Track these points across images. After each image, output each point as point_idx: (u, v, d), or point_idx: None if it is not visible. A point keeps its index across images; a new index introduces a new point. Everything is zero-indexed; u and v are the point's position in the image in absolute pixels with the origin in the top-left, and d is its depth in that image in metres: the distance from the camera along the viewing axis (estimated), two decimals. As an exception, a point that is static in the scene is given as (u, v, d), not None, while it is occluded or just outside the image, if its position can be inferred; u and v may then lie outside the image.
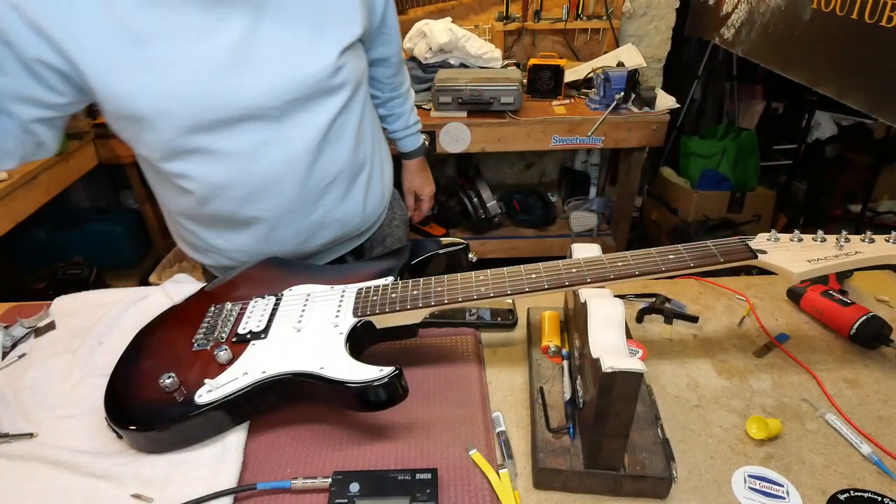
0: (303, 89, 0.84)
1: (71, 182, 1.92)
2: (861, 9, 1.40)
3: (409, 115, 1.24)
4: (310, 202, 0.92)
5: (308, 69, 0.84)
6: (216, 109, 0.80)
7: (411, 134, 1.25)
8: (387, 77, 1.15)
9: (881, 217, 2.74)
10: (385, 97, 1.19)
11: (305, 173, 0.89)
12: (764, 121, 2.95)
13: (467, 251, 0.83)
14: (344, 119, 0.92)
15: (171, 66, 0.77)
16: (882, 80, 1.36)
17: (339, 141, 0.92)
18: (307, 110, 0.86)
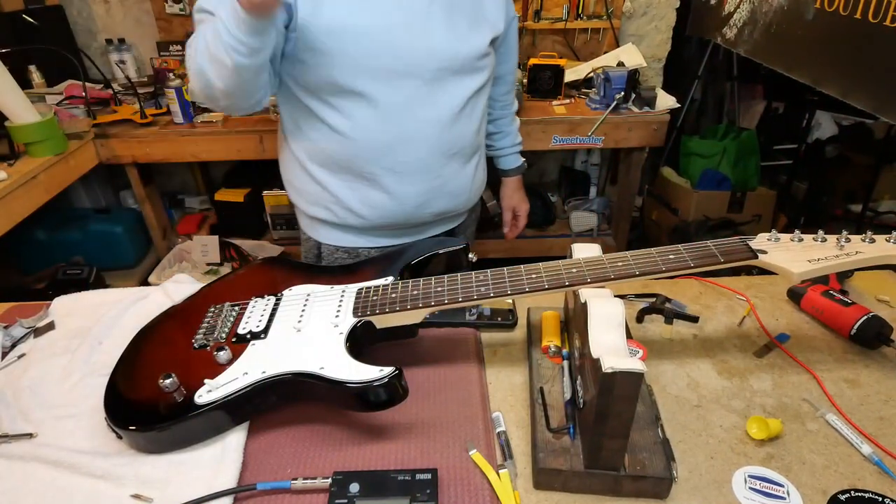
0: (456, 62, 0.98)
1: (71, 182, 1.91)
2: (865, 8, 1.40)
3: (515, 135, 1.34)
4: (436, 166, 1.03)
5: (463, 46, 0.98)
6: (390, 59, 0.93)
7: (514, 153, 1.34)
8: (500, 94, 1.26)
9: (882, 217, 2.74)
10: (496, 115, 1.29)
11: (439, 137, 1.01)
12: (764, 121, 2.95)
13: (467, 251, 0.83)
14: (476, 100, 1.05)
15: (371, 12, 0.90)
16: (886, 79, 1.35)
17: (470, 118, 1.05)
18: (453, 81, 0.99)
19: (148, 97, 2.24)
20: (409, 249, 0.83)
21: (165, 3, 2.45)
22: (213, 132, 2.06)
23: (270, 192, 2.43)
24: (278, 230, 2.50)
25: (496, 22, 1.05)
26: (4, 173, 1.61)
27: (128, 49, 2.50)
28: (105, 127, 2.04)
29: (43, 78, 2.27)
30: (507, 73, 1.24)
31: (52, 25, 2.38)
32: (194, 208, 2.78)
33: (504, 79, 1.24)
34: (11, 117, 1.68)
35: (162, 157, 2.10)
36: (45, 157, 1.76)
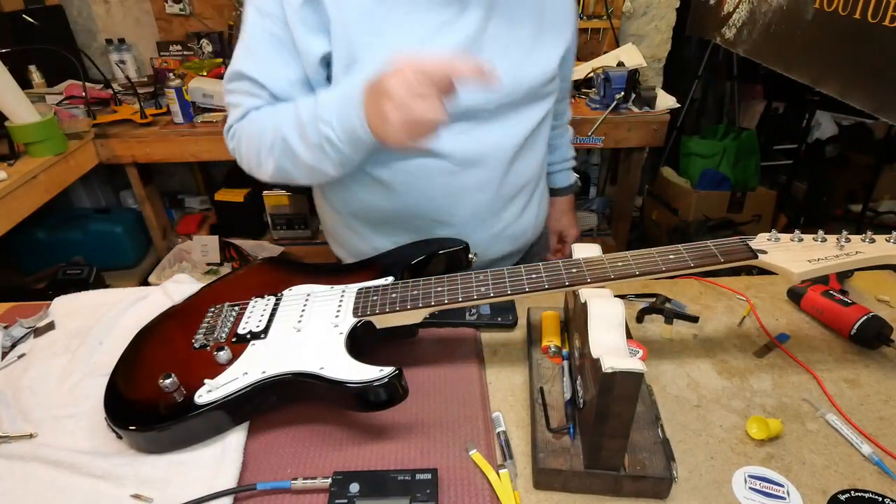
0: (518, 93, 0.84)
1: (71, 182, 1.91)
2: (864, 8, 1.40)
3: (567, 149, 1.19)
4: (495, 211, 0.91)
5: (527, 72, 0.84)
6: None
7: (565, 169, 1.19)
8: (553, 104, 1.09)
9: (882, 217, 2.74)
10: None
11: (501, 180, 0.88)
12: (764, 120, 2.95)
13: (467, 251, 0.83)
14: (540, 128, 0.92)
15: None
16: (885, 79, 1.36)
17: (532, 150, 0.92)
18: (516, 115, 0.86)
19: (148, 97, 2.24)
20: (409, 249, 0.83)
21: (165, 3, 2.46)
22: (213, 132, 2.06)
23: (270, 192, 2.44)
24: (278, 230, 2.50)
25: (567, 27, 0.89)
26: (4, 173, 1.61)
27: (128, 49, 2.50)
28: (105, 127, 2.04)
29: (43, 78, 2.27)
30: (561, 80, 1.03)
31: (52, 25, 2.38)
32: (194, 208, 2.79)
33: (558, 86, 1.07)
34: (11, 117, 1.68)
35: (162, 157, 2.10)
36: (45, 157, 1.76)
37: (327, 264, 0.86)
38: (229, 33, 2.52)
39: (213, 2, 2.46)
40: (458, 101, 0.76)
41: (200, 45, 2.52)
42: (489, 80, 0.65)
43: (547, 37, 0.86)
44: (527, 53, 0.84)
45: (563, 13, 0.89)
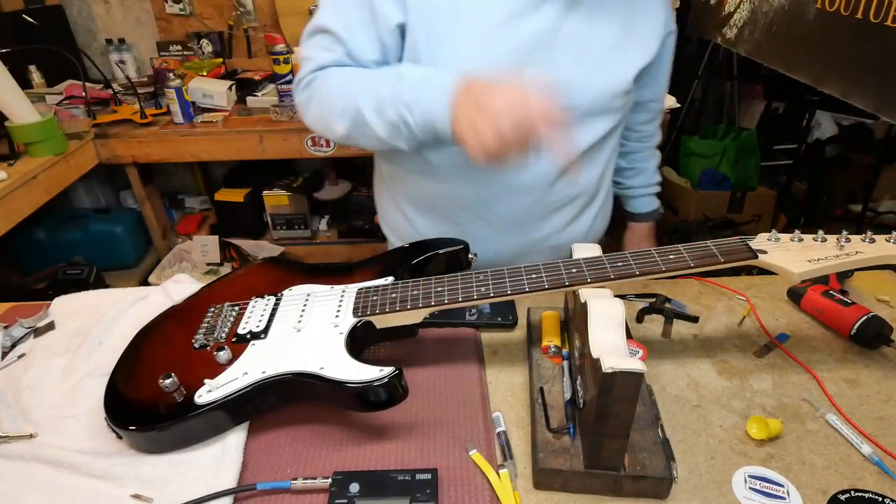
0: (583, 102, 0.80)
1: (71, 182, 1.91)
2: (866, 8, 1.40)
3: (653, 174, 1.12)
4: (537, 219, 0.89)
5: (597, 81, 0.79)
6: None
7: (649, 194, 1.13)
8: (639, 123, 1.04)
9: (882, 217, 2.74)
10: (630, 147, 1.07)
11: (547, 188, 0.86)
12: (764, 120, 2.95)
13: (467, 251, 0.83)
14: (603, 144, 0.88)
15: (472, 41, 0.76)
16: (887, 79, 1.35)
17: (591, 165, 0.88)
18: (580, 124, 0.81)
19: (148, 97, 2.24)
20: (409, 249, 0.83)
21: (165, 3, 2.46)
22: (213, 132, 2.06)
23: (270, 192, 2.44)
24: (278, 230, 2.50)
25: (651, 41, 0.84)
26: (4, 173, 1.61)
27: (128, 49, 2.51)
28: (105, 127, 2.04)
29: (43, 78, 2.27)
30: (650, 100, 1.00)
31: (52, 25, 2.38)
32: (194, 208, 2.79)
33: (646, 106, 1.01)
34: (11, 117, 1.68)
35: (162, 157, 2.10)
36: (45, 157, 1.76)
37: (327, 264, 0.86)
38: (229, 33, 2.52)
39: (213, 2, 2.46)
40: None
41: (200, 45, 2.52)
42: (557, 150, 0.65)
43: (628, 48, 0.81)
44: (602, 61, 0.80)
45: (652, 26, 0.83)
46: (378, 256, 0.85)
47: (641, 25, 0.82)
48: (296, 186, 2.45)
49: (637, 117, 1.02)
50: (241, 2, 2.43)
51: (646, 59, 0.84)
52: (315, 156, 2.11)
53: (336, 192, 2.59)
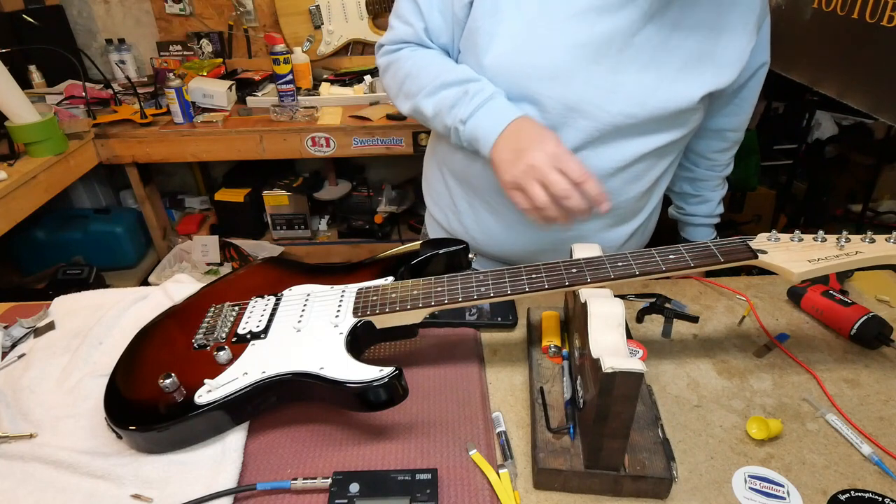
0: (640, 115, 0.78)
1: (71, 182, 1.92)
2: (862, 9, 1.40)
3: (717, 205, 1.07)
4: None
5: (658, 95, 0.77)
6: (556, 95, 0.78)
7: (707, 225, 1.09)
8: (713, 151, 1.00)
9: (882, 217, 2.74)
10: (699, 174, 1.03)
11: None
12: (764, 120, 2.95)
13: (467, 251, 0.83)
14: (652, 164, 0.86)
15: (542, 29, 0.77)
16: (883, 79, 1.35)
17: (634, 181, 0.86)
18: (626, 138, 0.81)
19: (148, 97, 2.25)
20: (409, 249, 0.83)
21: (165, 3, 2.46)
22: (213, 132, 2.06)
23: (270, 192, 2.44)
24: (278, 230, 2.51)
25: (729, 68, 0.80)
26: (4, 173, 1.61)
27: (128, 49, 2.51)
28: (105, 127, 2.04)
29: (43, 78, 2.27)
30: (730, 129, 0.96)
31: (52, 25, 2.38)
32: (194, 208, 2.79)
33: (723, 134, 0.97)
34: (11, 117, 1.68)
35: (162, 157, 2.10)
36: (45, 157, 1.76)
37: (327, 264, 0.86)
38: (229, 33, 2.52)
39: (213, 2, 2.46)
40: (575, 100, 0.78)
41: (200, 45, 2.52)
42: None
43: (702, 69, 0.78)
44: (669, 76, 0.77)
45: (734, 53, 0.79)
46: (378, 256, 0.85)
47: (723, 50, 0.79)
48: (296, 186, 2.45)
49: (712, 144, 0.99)
50: (241, 2, 2.43)
51: (719, 83, 0.80)
52: (315, 156, 2.11)
53: (336, 192, 2.59)
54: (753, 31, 0.81)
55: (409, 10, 0.88)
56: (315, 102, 2.18)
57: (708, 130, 0.97)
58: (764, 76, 0.91)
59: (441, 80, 0.83)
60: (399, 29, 0.90)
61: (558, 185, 0.69)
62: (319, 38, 2.43)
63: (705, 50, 0.78)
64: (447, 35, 0.88)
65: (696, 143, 1.00)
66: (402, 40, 0.90)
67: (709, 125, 0.96)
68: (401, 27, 0.90)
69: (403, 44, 0.90)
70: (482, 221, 0.94)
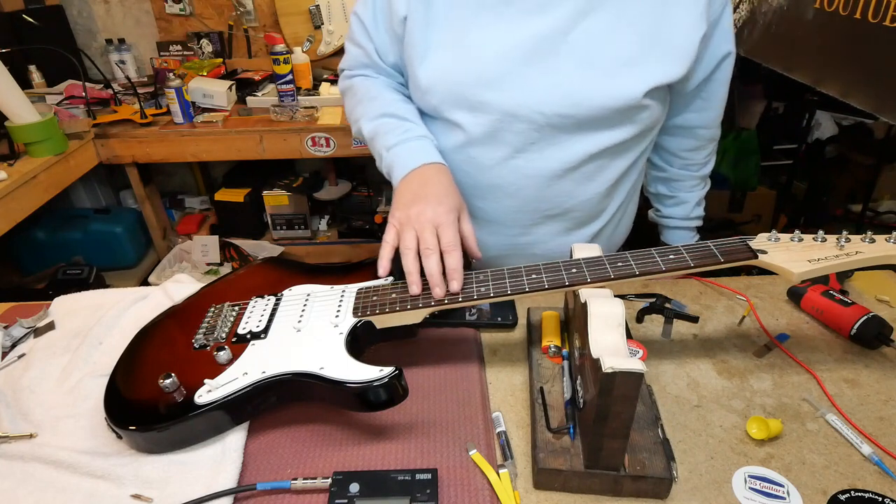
0: (582, 111, 0.76)
1: (71, 182, 1.92)
2: (864, 8, 1.40)
3: (694, 207, 1.03)
4: (525, 223, 0.88)
5: (600, 93, 0.75)
6: (495, 96, 0.78)
7: (686, 228, 1.05)
8: (684, 150, 0.97)
9: (882, 217, 2.74)
10: (672, 174, 1.00)
11: (536, 192, 0.84)
12: (764, 120, 2.95)
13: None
14: (608, 161, 0.84)
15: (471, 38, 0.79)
16: (885, 79, 1.35)
17: (591, 179, 0.84)
18: (573, 134, 0.79)
19: (148, 97, 2.25)
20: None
21: (165, 3, 2.46)
22: (213, 132, 2.06)
23: (270, 192, 2.44)
24: (278, 230, 2.51)
25: (678, 60, 0.77)
26: (4, 173, 1.61)
27: (128, 49, 2.51)
28: (105, 127, 2.04)
29: (43, 78, 2.27)
30: (699, 126, 0.93)
31: (52, 25, 2.38)
32: (194, 208, 2.79)
33: (693, 132, 0.94)
34: (11, 117, 1.68)
35: (162, 157, 2.10)
36: (45, 157, 1.76)
37: (327, 264, 0.86)
38: (229, 33, 2.52)
39: (213, 2, 2.46)
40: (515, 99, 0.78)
41: (200, 45, 2.52)
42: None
43: (646, 63, 0.76)
44: (609, 72, 0.75)
45: (683, 44, 0.76)
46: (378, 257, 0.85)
47: (667, 42, 0.76)
48: (296, 186, 2.45)
49: (682, 142, 0.96)
50: (241, 2, 2.43)
51: (667, 77, 0.77)
52: (315, 156, 2.11)
53: (336, 192, 2.59)
54: (701, 19, 0.77)
55: (359, 33, 0.91)
56: (315, 102, 2.18)
57: (676, 128, 0.94)
58: (730, 68, 0.86)
59: (384, 109, 0.87)
60: (353, 52, 0.93)
61: (427, 242, 0.71)
62: (319, 38, 2.43)
63: (648, 43, 0.75)
64: (395, 53, 0.89)
65: (667, 141, 0.97)
66: (359, 64, 0.94)
67: (676, 122, 0.93)
68: (354, 50, 0.93)
69: (361, 69, 0.94)
70: None
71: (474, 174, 0.86)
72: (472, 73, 0.79)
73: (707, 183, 1.04)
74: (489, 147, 0.83)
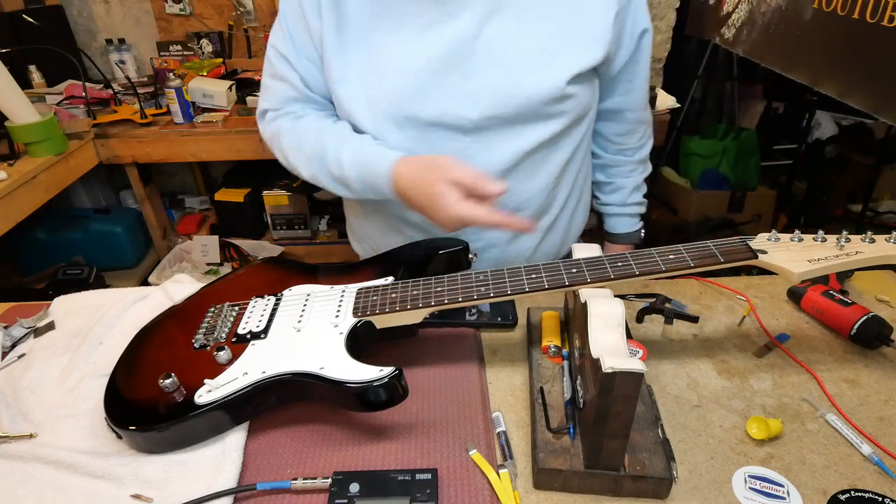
0: (508, 108, 0.76)
1: (71, 182, 1.91)
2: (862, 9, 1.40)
3: (632, 192, 1.02)
4: (476, 229, 0.84)
5: (523, 88, 0.75)
6: (417, 106, 0.77)
7: (625, 214, 1.04)
8: (615, 134, 0.97)
9: (882, 217, 2.74)
10: (607, 160, 1.00)
11: None
12: (764, 120, 2.95)
13: (467, 251, 0.83)
14: (547, 153, 0.83)
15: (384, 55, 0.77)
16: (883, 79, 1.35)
17: (533, 175, 0.84)
18: (506, 132, 0.79)
19: (148, 97, 2.25)
20: (409, 249, 0.83)
21: (165, 3, 2.46)
22: (213, 132, 2.06)
23: (270, 192, 2.43)
24: (278, 230, 2.50)
25: (594, 44, 0.77)
26: (4, 173, 1.61)
27: (128, 49, 2.51)
28: (105, 127, 2.04)
29: (43, 78, 2.27)
30: (625, 108, 0.93)
31: (52, 25, 2.38)
32: (194, 208, 2.79)
33: (621, 115, 0.94)
34: (11, 117, 1.68)
35: (162, 157, 2.10)
36: (45, 157, 1.76)
37: (327, 264, 0.86)
38: (229, 33, 2.52)
39: (213, 2, 2.46)
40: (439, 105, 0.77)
41: (200, 45, 2.52)
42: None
43: (563, 51, 0.76)
44: (528, 66, 0.75)
45: (598, 28, 0.77)
46: (378, 256, 0.85)
47: (581, 27, 0.76)
48: (296, 186, 2.45)
49: (611, 127, 0.96)
50: (241, 2, 2.43)
51: (587, 62, 0.77)
52: (315, 156, 2.11)
53: (336, 192, 2.58)
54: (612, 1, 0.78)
55: (280, 66, 0.86)
56: (315, 102, 2.18)
57: (606, 112, 0.94)
58: (649, 46, 0.86)
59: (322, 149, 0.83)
60: (276, 88, 0.88)
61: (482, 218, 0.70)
62: (319, 38, 2.43)
63: (563, 31, 0.76)
64: (320, 79, 0.85)
65: (600, 126, 0.97)
66: (286, 100, 0.88)
67: (606, 106, 0.93)
68: (277, 86, 0.87)
69: (289, 104, 0.88)
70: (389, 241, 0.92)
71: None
72: (391, 91, 0.78)
73: (646, 167, 1.04)
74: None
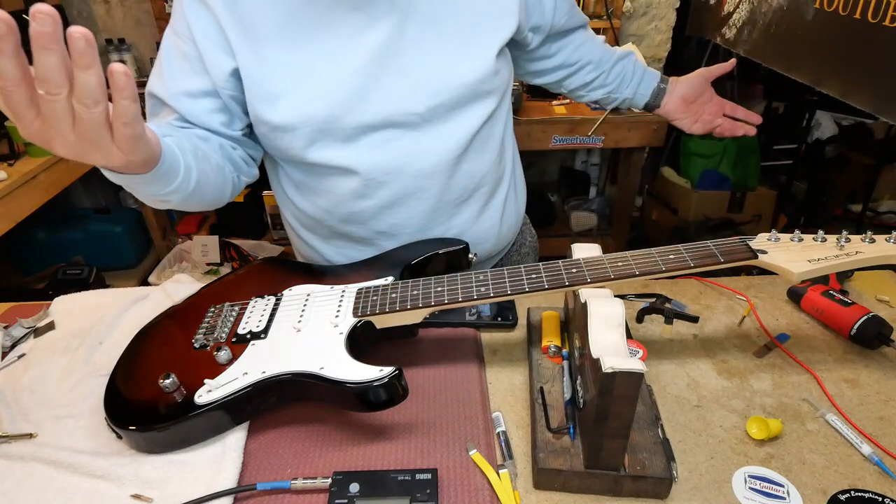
0: (449, 94, 0.78)
1: (71, 182, 1.92)
2: (864, 9, 1.40)
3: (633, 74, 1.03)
4: (444, 219, 0.86)
5: (456, 73, 0.78)
6: (356, 116, 0.76)
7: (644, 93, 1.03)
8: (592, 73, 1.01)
9: (882, 217, 2.74)
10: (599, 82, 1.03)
11: (443, 187, 0.84)
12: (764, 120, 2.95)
13: (467, 251, 0.83)
14: (489, 129, 0.86)
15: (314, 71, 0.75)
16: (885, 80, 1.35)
17: (482, 152, 0.86)
18: (452, 118, 0.80)
19: (148, 97, 2.24)
20: (409, 249, 0.83)
21: (165, 3, 2.45)
22: (213, 132, 2.05)
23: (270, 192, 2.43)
24: (278, 230, 2.51)
25: (504, 14, 0.80)
26: (4, 173, 1.61)
27: (128, 49, 2.51)
28: (105, 127, 2.04)
29: (43, 78, 2.27)
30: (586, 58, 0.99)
31: (52, 25, 2.38)
32: (194, 208, 2.79)
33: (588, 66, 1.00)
34: (11, 117, 1.68)
35: (162, 157, 2.09)
36: (45, 157, 1.76)
37: (327, 264, 0.86)
38: (229, 33, 2.52)
39: (213, 2, 2.46)
40: (382, 106, 0.76)
41: (200, 45, 2.51)
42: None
43: (481, 31, 0.79)
44: (455, 52, 0.78)
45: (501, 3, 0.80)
46: (378, 256, 0.85)
47: (489, 7, 0.79)
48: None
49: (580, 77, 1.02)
50: (241, 2, 2.43)
51: (509, 30, 0.81)
52: (315, 156, 2.11)
53: (336, 192, 2.58)
54: None
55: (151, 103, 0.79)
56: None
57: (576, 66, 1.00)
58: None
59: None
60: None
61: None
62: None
63: (476, 10, 0.78)
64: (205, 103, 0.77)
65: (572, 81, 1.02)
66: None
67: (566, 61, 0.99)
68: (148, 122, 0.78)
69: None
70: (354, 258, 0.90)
71: (378, 197, 0.83)
72: (333, 104, 0.76)
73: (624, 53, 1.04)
74: (380, 164, 0.81)
